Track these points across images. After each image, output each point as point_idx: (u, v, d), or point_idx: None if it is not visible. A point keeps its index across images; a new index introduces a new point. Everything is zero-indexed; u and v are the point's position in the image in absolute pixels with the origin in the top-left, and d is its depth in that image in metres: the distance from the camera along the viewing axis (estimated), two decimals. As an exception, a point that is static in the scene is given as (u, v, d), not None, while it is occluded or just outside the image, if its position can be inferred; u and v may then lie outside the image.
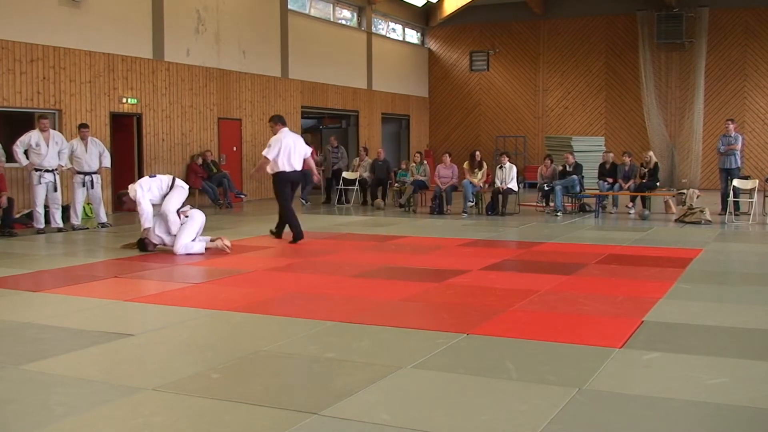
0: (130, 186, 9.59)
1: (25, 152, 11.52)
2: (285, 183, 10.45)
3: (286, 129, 10.51)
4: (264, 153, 10.42)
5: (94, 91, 14.25)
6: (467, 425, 3.53)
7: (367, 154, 17.94)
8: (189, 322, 5.65)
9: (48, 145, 11.56)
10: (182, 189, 9.47)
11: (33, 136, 11.51)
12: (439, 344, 4.90)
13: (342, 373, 4.33)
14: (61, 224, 11.79)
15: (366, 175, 17.29)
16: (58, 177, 11.79)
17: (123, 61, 14.85)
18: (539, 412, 3.66)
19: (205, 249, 9.26)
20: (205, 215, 9.79)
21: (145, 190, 9.26)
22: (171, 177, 9.60)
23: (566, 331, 5.28)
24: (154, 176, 9.59)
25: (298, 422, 3.54)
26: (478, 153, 15.46)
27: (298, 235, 10.30)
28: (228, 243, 9.41)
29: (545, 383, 4.11)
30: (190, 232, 9.27)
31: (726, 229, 12.07)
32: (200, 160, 16.27)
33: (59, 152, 11.75)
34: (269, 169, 10.41)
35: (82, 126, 12.35)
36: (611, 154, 15.71)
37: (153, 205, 9.35)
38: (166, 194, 9.36)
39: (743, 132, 20.11)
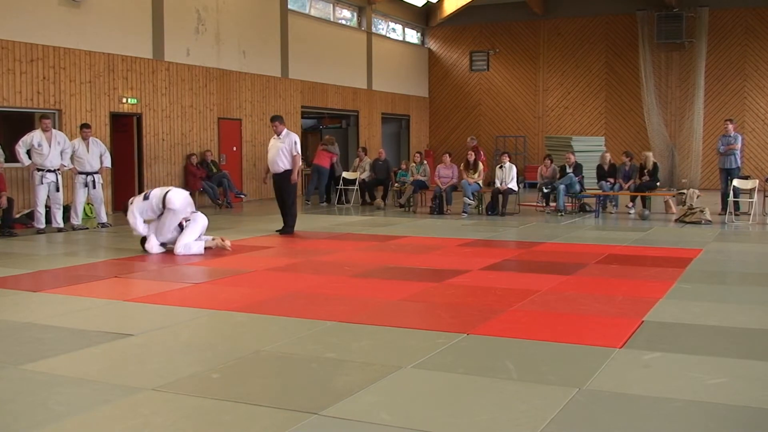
0: (129, 206, 9.45)
1: (28, 152, 11.53)
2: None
3: None
4: (299, 151, 11.21)
5: (94, 91, 14.25)
6: (467, 425, 3.53)
7: (366, 154, 17.94)
8: (189, 322, 5.65)
9: (50, 145, 11.58)
10: (174, 214, 9.25)
11: (35, 136, 11.53)
12: (439, 344, 4.90)
13: (342, 373, 4.33)
14: (61, 224, 11.80)
15: (366, 175, 17.29)
16: (60, 177, 11.80)
17: (123, 61, 14.85)
18: (539, 412, 3.66)
19: (205, 249, 9.30)
20: (205, 215, 9.81)
21: (138, 215, 9.28)
22: (163, 193, 9.32)
23: (566, 331, 5.28)
24: (148, 197, 9.40)
25: (298, 422, 3.54)
26: (471, 154, 15.40)
27: (292, 229, 11.29)
28: (227, 243, 9.45)
29: (545, 383, 4.11)
30: (192, 234, 9.33)
31: (726, 229, 12.07)
32: (195, 159, 16.25)
33: (61, 152, 11.77)
34: (293, 166, 11.13)
35: (84, 126, 12.37)
36: (608, 155, 15.70)
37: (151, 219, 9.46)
38: (162, 213, 9.31)
39: (743, 132, 20.11)
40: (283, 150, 11.07)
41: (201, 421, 3.63)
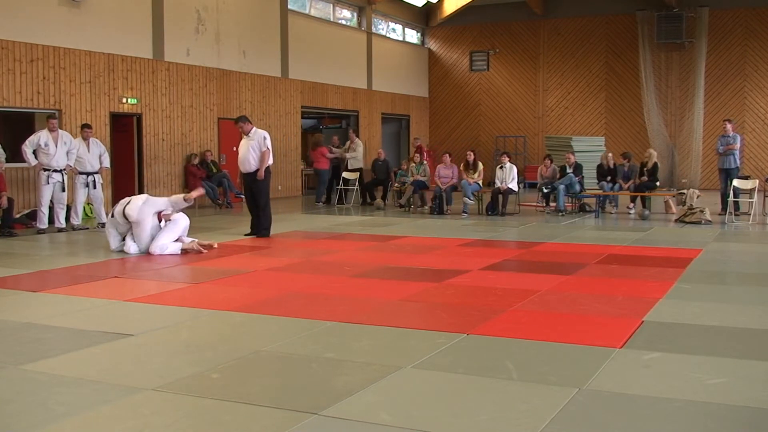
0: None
1: (34, 152, 11.54)
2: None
3: None
4: (269, 146, 10.94)
5: (94, 91, 14.25)
6: (467, 425, 3.53)
7: (357, 136, 18.10)
8: (189, 322, 5.65)
9: (56, 145, 11.58)
10: (138, 224, 9.18)
11: (42, 136, 11.53)
12: (439, 344, 4.90)
13: (342, 373, 4.33)
14: (63, 224, 11.81)
15: (354, 158, 17.41)
16: (65, 177, 11.81)
17: (123, 61, 14.84)
18: (539, 412, 3.66)
19: (182, 251, 9.21)
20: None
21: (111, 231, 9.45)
22: (122, 208, 9.28)
23: (566, 331, 5.28)
24: (113, 215, 9.48)
25: (298, 422, 3.54)
26: (470, 154, 15.41)
27: (267, 231, 10.99)
28: (205, 243, 9.36)
29: (545, 383, 4.11)
30: (169, 235, 9.22)
31: (726, 229, 12.07)
32: (197, 160, 16.27)
33: (67, 152, 11.77)
34: (260, 163, 10.86)
35: (85, 126, 12.38)
36: (610, 155, 15.71)
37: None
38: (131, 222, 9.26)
39: (743, 132, 20.10)
40: (253, 147, 10.86)
41: (201, 421, 3.63)
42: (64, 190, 11.74)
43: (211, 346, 4.96)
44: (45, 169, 11.56)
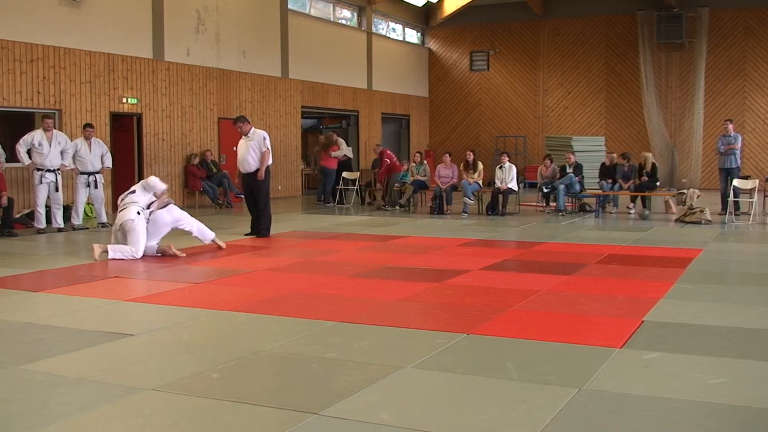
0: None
1: (28, 152, 11.53)
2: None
3: None
4: (269, 146, 10.92)
5: (94, 91, 14.25)
6: (467, 425, 3.52)
7: (342, 136, 18.80)
8: (189, 322, 5.65)
9: (50, 145, 11.58)
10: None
11: (36, 136, 11.53)
12: (439, 344, 4.90)
13: (342, 373, 4.33)
14: (62, 224, 11.81)
15: (343, 153, 17.74)
16: (59, 177, 11.80)
17: (123, 61, 14.85)
18: (539, 412, 3.66)
19: (159, 253, 9.07)
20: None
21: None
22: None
23: (566, 331, 5.28)
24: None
25: (298, 422, 3.54)
26: (470, 154, 15.41)
27: (267, 231, 10.99)
28: (177, 251, 9.14)
29: (545, 383, 4.10)
30: (152, 236, 9.12)
31: (726, 229, 12.06)
32: (197, 160, 16.28)
33: (62, 152, 11.77)
34: (260, 163, 10.85)
35: (87, 126, 12.38)
36: (614, 155, 15.71)
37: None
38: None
39: (743, 132, 20.09)
40: (253, 147, 10.81)
41: (201, 421, 3.63)
42: (57, 190, 11.71)
43: (211, 346, 4.96)
44: (38, 169, 11.55)
